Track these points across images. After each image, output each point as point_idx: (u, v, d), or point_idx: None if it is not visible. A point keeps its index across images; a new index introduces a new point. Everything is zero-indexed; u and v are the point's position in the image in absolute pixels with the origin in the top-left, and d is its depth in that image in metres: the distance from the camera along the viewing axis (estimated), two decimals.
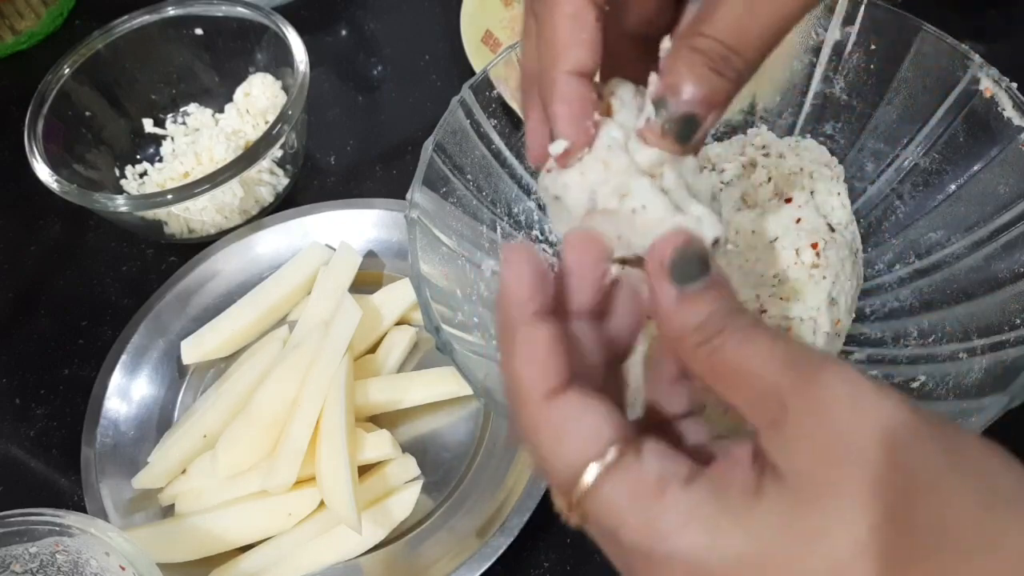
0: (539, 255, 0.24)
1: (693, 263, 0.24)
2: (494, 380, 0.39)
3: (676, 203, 0.26)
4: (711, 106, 0.26)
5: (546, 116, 0.28)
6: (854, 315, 0.46)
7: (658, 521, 0.21)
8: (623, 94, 0.28)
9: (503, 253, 0.27)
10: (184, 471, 0.48)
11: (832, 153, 0.48)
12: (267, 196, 0.60)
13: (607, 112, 0.28)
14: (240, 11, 0.62)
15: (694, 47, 0.26)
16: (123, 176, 0.63)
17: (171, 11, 0.63)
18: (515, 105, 0.46)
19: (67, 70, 0.61)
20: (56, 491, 0.51)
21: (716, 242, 0.26)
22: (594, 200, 0.27)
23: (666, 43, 0.29)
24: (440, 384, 0.50)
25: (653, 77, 0.27)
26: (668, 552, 0.21)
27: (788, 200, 0.45)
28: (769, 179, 0.46)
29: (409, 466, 0.48)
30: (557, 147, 0.27)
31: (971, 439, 0.21)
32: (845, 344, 0.45)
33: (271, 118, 0.60)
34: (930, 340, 0.44)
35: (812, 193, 0.45)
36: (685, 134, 0.26)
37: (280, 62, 0.61)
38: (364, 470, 0.47)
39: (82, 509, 0.47)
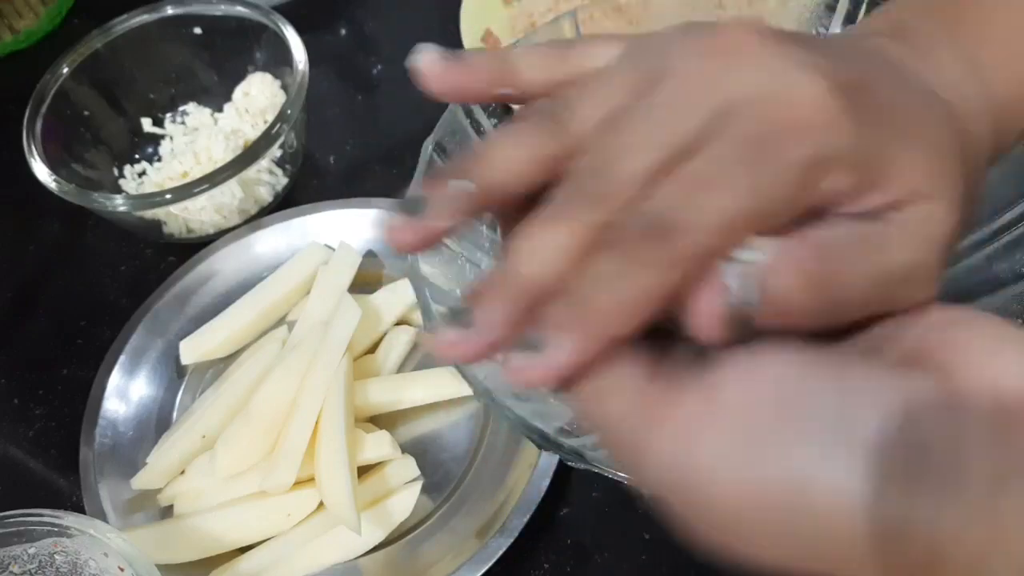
0: None
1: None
2: (494, 380, 0.39)
3: None
4: None
5: None
6: None
7: None
8: None
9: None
10: (183, 471, 0.48)
11: None
12: (266, 196, 0.60)
13: None
14: (239, 10, 0.62)
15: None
16: (122, 176, 0.63)
17: (170, 10, 0.63)
18: (515, 105, 0.46)
19: (65, 69, 0.61)
20: (55, 492, 0.51)
21: None
22: None
23: None
24: (440, 384, 0.50)
25: None
26: None
27: None
28: None
29: (409, 467, 0.48)
30: None
31: None
32: None
33: (270, 117, 0.60)
34: None
35: None
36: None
37: (279, 61, 0.61)
38: (363, 471, 0.47)
39: (81, 510, 0.47)
